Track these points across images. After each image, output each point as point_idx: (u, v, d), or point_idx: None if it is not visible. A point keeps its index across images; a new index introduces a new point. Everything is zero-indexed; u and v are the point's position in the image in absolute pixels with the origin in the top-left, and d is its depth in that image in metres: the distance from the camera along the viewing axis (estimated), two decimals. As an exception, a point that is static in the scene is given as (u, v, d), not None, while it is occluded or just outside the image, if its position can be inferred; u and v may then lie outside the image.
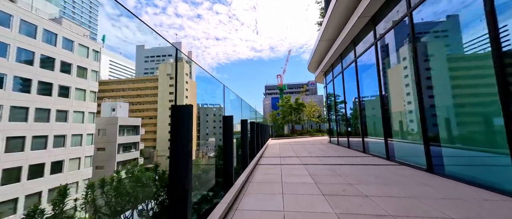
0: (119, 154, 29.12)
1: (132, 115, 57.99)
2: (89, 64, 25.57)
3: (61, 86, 22.10)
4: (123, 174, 3.98)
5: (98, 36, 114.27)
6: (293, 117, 20.84)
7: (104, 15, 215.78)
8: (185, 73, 60.11)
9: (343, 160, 6.18)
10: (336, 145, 10.76)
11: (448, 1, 3.84)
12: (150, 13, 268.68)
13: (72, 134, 22.96)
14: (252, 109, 11.25)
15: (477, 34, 3.22)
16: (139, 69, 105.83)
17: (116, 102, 33.31)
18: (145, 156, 50.93)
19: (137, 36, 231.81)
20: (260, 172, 4.86)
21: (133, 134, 32.32)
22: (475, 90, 3.59)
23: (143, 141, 55.20)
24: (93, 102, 25.95)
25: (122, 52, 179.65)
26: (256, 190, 3.48)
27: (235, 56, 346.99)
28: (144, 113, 58.10)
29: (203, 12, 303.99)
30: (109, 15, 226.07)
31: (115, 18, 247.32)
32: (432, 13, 4.18)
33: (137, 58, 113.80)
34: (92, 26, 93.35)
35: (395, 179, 3.81)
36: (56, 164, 21.24)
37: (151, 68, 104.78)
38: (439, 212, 2.36)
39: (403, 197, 2.90)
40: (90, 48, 25.80)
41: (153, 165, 4.09)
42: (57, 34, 22.00)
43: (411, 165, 4.82)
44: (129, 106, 58.63)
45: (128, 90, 58.72)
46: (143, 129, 37.46)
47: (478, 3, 3.16)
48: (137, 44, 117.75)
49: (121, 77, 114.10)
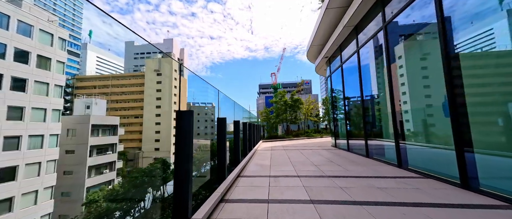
0: (91, 157, 25.72)
1: (116, 113, 54.13)
2: (54, 54, 22.12)
3: (14, 78, 18.67)
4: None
5: (83, 31, 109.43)
6: (289, 116, 18.07)
7: (94, 11, 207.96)
8: (173, 69, 56.66)
9: (374, 183, 3.44)
10: (346, 152, 8.07)
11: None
12: (142, 10, 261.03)
13: (30, 134, 19.54)
14: (245, 110, 10.92)
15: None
16: (128, 66, 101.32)
17: (91, 98, 29.81)
18: (128, 158, 47.32)
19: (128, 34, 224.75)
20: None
21: (110, 135, 28.92)
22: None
23: (124, 142, 51.60)
24: (59, 97, 22.53)
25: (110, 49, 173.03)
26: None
27: (229, 55, 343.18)
28: (128, 112, 54.31)
29: (198, 10, 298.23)
30: (99, 11, 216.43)
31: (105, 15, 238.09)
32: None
33: (126, 54, 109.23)
34: (76, 19, 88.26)
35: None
36: (8, 170, 17.82)
37: (141, 65, 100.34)
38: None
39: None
40: (55, 35, 22.35)
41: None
42: (9, 16, 18.55)
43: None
44: (113, 104, 54.82)
45: (111, 87, 54.75)
46: (123, 129, 34.06)
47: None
48: (126, 41, 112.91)
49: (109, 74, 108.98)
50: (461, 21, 3.25)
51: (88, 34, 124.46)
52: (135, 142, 53.26)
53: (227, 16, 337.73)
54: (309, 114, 19.88)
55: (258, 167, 5.61)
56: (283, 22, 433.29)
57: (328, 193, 3.19)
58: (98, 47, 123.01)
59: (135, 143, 53.23)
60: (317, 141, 14.84)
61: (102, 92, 55.22)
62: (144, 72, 54.42)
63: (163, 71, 54.57)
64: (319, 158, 6.82)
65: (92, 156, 25.98)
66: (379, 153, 5.96)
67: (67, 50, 24.20)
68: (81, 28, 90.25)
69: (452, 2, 3.38)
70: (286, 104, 17.91)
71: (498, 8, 2.79)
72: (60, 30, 23.29)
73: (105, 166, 27.70)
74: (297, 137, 16.91)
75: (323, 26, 8.03)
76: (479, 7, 3.01)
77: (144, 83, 53.45)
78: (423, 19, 4.04)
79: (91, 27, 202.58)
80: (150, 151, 51.44)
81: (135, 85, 55.67)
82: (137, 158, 49.54)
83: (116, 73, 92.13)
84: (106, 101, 52.51)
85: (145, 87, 53.39)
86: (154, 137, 52.00)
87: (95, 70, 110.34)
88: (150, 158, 51.45)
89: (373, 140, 6.48)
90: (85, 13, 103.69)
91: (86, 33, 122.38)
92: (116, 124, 29.84)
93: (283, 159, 6.75)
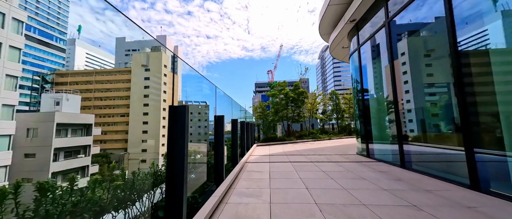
0: (57, 162, 21.88)
1: (100, 111, 50.01)
2: (5, 38, 18.25)
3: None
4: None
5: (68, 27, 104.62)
6: (290, 113, 14.53)
7: (88, 9, 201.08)
8: (163, 64, 52.74)
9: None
10: (403, 170, 4.64)
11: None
12: (137, 8, 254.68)
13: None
14: (242, 109, 10.40)
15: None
16: (119, 63, 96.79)
17: (61, 93, 25.91)
18: (111, 160, 43.27)
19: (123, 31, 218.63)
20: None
21: (82, 135, 25.08)
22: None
23: (108, 143, 47.61)
24: (12, 90, 18.68)
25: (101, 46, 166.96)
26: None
27: (226, 55, 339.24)
28: (114, 110, 50.24)
29: (194, 9, 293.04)
30: (93, 8, 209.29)
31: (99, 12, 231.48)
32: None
33: (117, 51, 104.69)
34: (62, 12, 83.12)
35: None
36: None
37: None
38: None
39: None
40: (7, 15, 18.47)
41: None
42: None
43: None
44: (97, 101, 50.58)
45: (95, 83, 50.59)
46: (99, 129, 30.20)
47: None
48: (117, 37, 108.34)
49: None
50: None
51: (76, 30, 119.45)
52: (121, 143, 49.25)
53: (224, 16, 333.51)
54: (314, 111, 16.43)
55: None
56: (280, 23, 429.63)
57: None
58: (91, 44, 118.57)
59: (121, 143, 49.22)
60: (330, 144, 11.43)
61: (85, 89, 51.06)
62: (131, 67, 50.41)
63: (152, 66, 50.69)
64: (366, 186, 3.38)
65: (58, 161, 22.15)
66: (461, 172, 2.60)
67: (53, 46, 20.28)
68: (67, 22, 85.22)
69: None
70: (288, 97, 14.32)
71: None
72: (16, 10, 19.40)
73: (75, 171, 23.89)
74: (301, 139, 13.53)
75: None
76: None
77: (131, 79, 49.44)
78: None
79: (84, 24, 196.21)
80: (137, 153, 47.57)
81: (122, 81, 51.55)
82: (122, 161, 45.55)
83: (101, 68, 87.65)
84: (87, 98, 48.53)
85: (132, 83, 49.40)
86: (141, 137, 48.11)
87: (84, 67, 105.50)
88: (137, 160, 47.66)
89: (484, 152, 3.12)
90: (78, 10, 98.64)
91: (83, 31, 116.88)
92: (90, 122, 25.99)
93: (296, 195, 3.28)
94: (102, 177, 2.38)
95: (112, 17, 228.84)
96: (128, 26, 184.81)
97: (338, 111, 17.09)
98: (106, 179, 2.44)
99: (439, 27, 3.82)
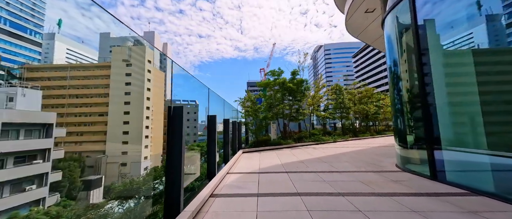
0: (3, 169, 18.02)
1: (76, 110, 45.47)
2: None
3: None
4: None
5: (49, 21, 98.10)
6: (287, 108, 11.38)
7: (73, 4, 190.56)
8: (147, 59, 48.71)
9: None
10: None
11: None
12: (126, 4, 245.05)
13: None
14: (233, 109, 10.08)
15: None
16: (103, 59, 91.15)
17: (15, 87, 21.91)
18: (88, 164, 39.00)
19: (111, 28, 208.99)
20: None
21: (40, 137, 21.18)
22: None
23: (84, 144, 43.30)
24: None
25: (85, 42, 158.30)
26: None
27: (218, 54, 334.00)
28: (91, 109, 45.82)
29: (186, 7, 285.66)
30: (79, 4, 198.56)
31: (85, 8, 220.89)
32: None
33: (100, 47, 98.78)
34: (37, 3, 76.64)
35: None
36: None
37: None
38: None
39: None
40: None
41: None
42: None
43: None
44: (72, 99, 45.92)
45: (70, 79, 45.95)
46: (64, 129, 26.27)
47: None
48: (101, 32, 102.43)
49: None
50: None
51: (57, 24, 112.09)
52: (99, 144, 44.86)
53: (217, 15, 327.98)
54: (316, 107, 13.44)
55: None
56: (273, 23, 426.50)
57: None
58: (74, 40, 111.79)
59: (99, 145, 44.82)
60: (340, 149, 8.49)
61: (59, 85, 46.36)
62: (110, 62, 46.15)
63: (134, 61, 46.63)
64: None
65: (5, 168, 18.28)
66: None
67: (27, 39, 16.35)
68: (44, 14, 78.87)
69: None
70: (284, 88, 11.16)
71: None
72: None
73: (30, 180, 20.05)
74: (301, 141, 10.59)
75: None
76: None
77: (110, 75, 45.18)
78: None
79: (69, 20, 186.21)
80: (116, 156, 43.46)
81: (101, 77, 47.10)
82: (99, 165, 41.29)
83: (76, 62, 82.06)
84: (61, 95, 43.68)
85: (111, 80, 45.14)
86: (122, 138, 44.00)
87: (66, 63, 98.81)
88: (116, 164, 43.46)
89: None
90: (62, 4, 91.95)
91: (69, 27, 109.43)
92: (51, 122, 22.10)
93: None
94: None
95: (99, 14, 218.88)
96: (116, 23, 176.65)
97: (342, 108, 14.33)
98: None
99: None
